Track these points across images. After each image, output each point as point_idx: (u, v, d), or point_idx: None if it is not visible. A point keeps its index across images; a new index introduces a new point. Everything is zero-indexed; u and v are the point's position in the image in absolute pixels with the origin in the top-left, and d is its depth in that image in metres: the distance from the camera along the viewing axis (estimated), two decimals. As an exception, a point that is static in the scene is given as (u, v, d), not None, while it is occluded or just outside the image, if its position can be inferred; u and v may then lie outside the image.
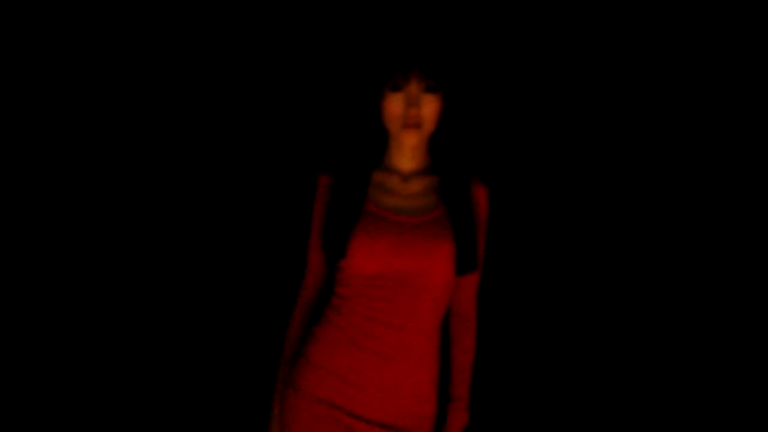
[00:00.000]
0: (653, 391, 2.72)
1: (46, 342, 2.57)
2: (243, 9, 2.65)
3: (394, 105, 2.09)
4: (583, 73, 2.73)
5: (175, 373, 2.65)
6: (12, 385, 2.55)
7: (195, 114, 2.66)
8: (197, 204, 2.65)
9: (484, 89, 2.74)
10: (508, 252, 2.73)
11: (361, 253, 2.06)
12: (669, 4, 2.64)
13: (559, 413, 2.74)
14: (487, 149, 2.74)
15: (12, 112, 2.52)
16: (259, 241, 2.70)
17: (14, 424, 2.54)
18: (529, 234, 2.79)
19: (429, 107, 2.09)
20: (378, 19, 2.64)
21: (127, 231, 2.60)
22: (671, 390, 2.71)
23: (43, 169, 2.54)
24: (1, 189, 2.52)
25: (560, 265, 2.79)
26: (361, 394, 2.08)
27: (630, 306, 2.75)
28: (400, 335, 2.07)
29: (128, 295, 2.62)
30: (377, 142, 2.17)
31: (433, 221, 2.09)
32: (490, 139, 2.74)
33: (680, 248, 2.71)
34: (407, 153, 2.16)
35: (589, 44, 2.72)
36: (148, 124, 2.59)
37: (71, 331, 2.58)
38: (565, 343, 2.77)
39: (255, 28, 2.67)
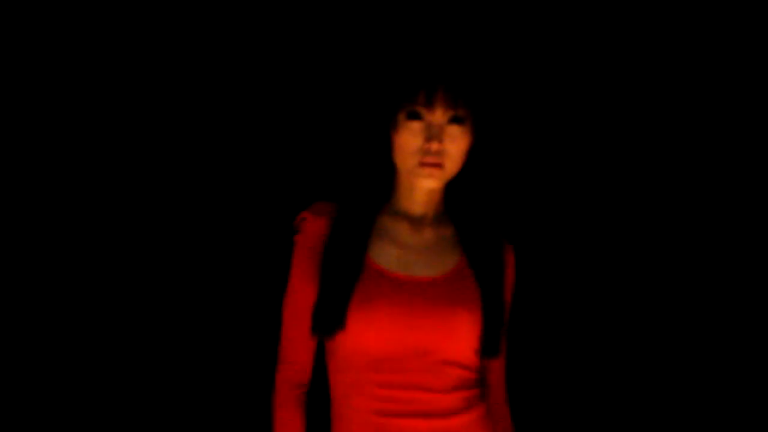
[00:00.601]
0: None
1: (42, 342, 2.62)
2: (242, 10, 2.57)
3: (411, 137, 1.73)
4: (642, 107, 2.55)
5: (170, 375, 2.66)
6: (11, 385, 2.60)
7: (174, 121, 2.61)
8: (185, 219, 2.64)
9: (519, 121, 2.50)
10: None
11: (359, 327, 1.72)
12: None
13: None
14: (514, 196, 2.53)
15: (12, 112, 2.58)
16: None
17: (14, 424, 2.60)
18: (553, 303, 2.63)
19: (455, 143, 1.74)
20: (395, 27, 2.38)
21: (121, 233, 2.62)
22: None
23: (40, 169, 2.59)
24: (1, 189, 2.60)
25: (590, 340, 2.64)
26: None
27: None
28: (436, 423, 1.75)
29: (122, 298, 2.64)
30: (383, 179, 1.84)
31: (453, 278, 1.78)
32: (519, 185, 2.54)
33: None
34: (421, 197, 1.82)
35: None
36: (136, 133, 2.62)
37: (67, 331, 2.62)
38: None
39: (248, 32, 2.56)
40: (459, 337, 1.74)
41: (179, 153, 2.60)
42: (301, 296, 1.81)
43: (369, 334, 1.72)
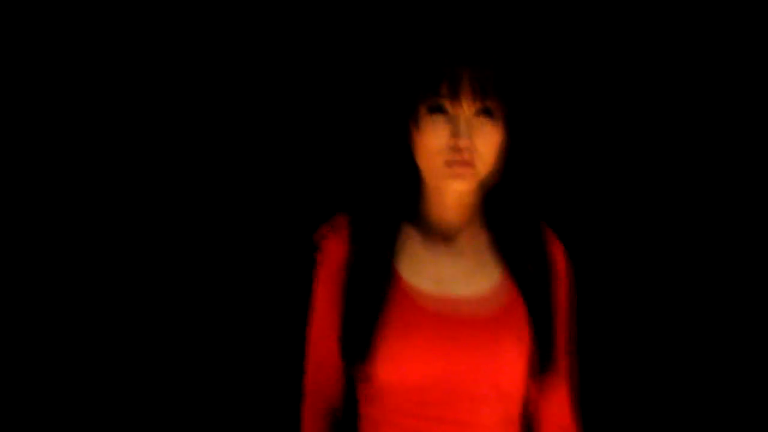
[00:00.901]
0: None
1: (46, 343, 2.67)
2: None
3: (434, 134, 1.61)
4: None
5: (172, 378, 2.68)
6: (12, 385, 2.65)
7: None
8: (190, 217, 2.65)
9: (558, 112, 2.41)
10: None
11: (391, 355, 1.62)
12: None
13: None
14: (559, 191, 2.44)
15: (12, 112, 2.62)
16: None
17: (14, 424, 2.65)
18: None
19: (486, 139, 1.60)
20: (411, 10, 2.34)
21: (134, 239, 2.64)
22: None
23: (42, 169, 2.63)
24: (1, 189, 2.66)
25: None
26: None
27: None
28: None
29: (136, 311, 2.67)
30: (407, 185, 1.71)
31: (496, 295, 1.66)
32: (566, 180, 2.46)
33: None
34: (451, 201, 1.69)
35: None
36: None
37: (71, 331, 2.66)
38: None
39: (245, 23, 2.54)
40: (506, 365, 1.62)
41: (187, 155, 2.60)
42: (326, 322, 1.73)
43: (402, 363, 1.61)
